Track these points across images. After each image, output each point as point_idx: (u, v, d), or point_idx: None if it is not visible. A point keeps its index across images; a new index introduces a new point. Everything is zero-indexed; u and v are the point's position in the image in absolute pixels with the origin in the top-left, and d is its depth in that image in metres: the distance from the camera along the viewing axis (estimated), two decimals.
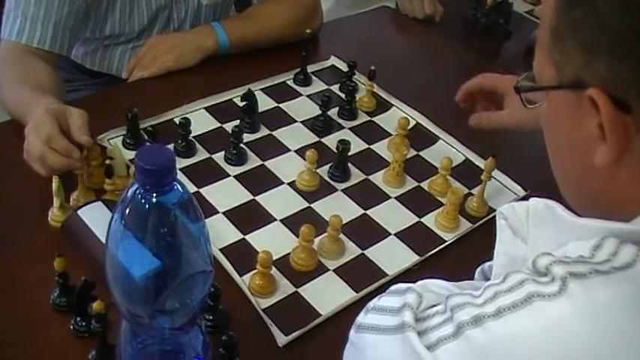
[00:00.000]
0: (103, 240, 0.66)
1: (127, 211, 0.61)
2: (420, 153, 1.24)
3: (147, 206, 0.60)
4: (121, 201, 0.62)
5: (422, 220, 1.11)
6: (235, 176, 1.14)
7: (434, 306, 0.62)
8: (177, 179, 0.61)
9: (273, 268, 0.97)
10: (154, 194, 0.60)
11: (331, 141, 1.22)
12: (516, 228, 0.68)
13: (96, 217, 0.94)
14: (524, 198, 1.15)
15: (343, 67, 1.41)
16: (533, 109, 1.13)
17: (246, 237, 1.04)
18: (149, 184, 0.59)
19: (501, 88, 1.18)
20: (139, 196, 0.60)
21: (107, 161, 1.02)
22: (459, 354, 0.56)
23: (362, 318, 0.66)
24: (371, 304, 0.68)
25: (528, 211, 0.66)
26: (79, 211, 0.95)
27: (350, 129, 1.28)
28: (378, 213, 1.11)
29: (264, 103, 1.30)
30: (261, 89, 1.33)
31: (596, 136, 0.57)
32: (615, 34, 0.54)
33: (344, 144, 1.14)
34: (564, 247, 0.58)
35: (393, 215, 1.11)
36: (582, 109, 0.57)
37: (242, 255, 1.00)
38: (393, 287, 0.68)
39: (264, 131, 1.24)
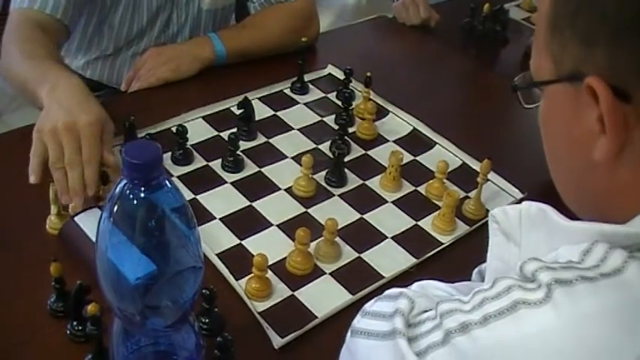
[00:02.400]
0: None
1: (116, 208, 0.61)
2: (417, 158, 1.24)
3: (135, 202, 0.60)
4: (109, 198, 0.62)
5: (419, 223, 1.10)
6: (232, 183, 1.14)
7: (426, 311, 0.62)
8: (165, 175, 0.62)
9: (270, 271, 0.97)
10: (142, 189, 0.60)
11: (328, 147, 1.22)
12: (509, 233, 0.67)
13: (92, 223, 0.93)
14: (521, 200, 1.15)
15: (340, 75, 1.41)
16: None
17: (243, 242, 1.04)
18: (136, 178, 0.59)
19: None
20: (127, 191, 0.60)
21: (103, 168, 1.03)
22: None
23: (356, 322, 0.67)
24: (366, 306, 0.68)
25: (521, 215, 0.65)
26: (75, 218, 0.96)
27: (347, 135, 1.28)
28: (375, 217, 1.11)
29: (262, 111, 1.30)
30: (258, 98, 1.34)
31: (596, 129, 0.56)
32: (614, 23, 0.54)
33: (340, 149, 1.15)
34: (555, 252, 0.58)
35: (389, 219, 1.11)
36: (581, 102, 0.57)
37: (238, 260, 1.00)
38: (387, 292, 0.68)
39: (260, 139, 1.25)
